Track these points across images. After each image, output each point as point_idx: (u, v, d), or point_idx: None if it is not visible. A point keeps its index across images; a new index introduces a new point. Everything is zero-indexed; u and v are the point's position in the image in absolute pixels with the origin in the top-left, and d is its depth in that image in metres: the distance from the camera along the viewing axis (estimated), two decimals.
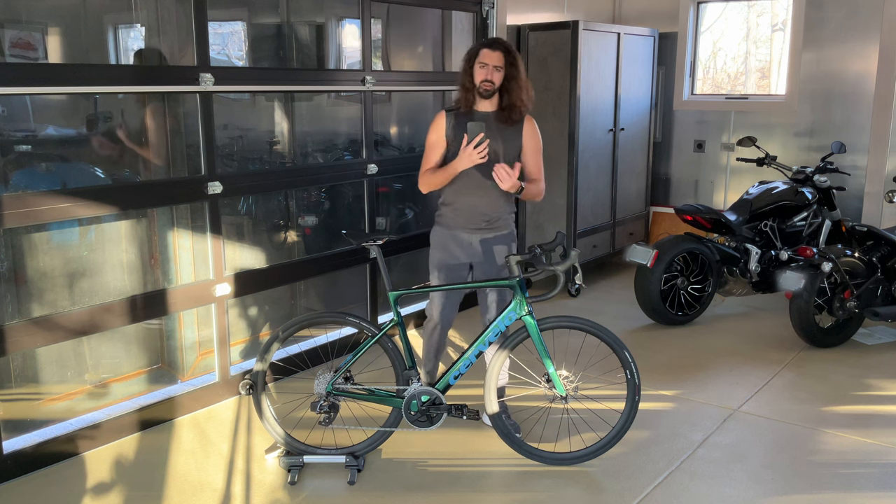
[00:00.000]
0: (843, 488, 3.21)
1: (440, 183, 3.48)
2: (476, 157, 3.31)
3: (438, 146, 3.52)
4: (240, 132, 4.63)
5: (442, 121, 3.51)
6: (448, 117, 3.51)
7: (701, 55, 6.91)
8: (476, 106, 3.49)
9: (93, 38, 3.90)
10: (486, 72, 3.39)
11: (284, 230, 4.86)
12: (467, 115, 3.48)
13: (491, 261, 3.56)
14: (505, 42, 3.47)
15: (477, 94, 3.45)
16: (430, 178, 3.50)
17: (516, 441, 3.39)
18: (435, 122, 3.54)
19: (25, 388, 3.60)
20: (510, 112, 3.45)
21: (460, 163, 3.35)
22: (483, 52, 3.41)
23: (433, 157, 3.53)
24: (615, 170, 6.35)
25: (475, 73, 3.43)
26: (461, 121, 3.46)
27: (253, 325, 4.61)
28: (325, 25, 5.05)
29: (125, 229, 3.91)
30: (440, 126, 3.51)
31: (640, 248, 5.10)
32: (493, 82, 3.41)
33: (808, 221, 5.44)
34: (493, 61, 3.39)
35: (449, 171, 3.42)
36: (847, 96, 6.06)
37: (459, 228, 3.54)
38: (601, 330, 3.32)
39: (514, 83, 3.43)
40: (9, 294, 3.43)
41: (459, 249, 3.56)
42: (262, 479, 3.31)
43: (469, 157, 3.32)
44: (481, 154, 3.31)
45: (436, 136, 3.52)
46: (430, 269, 3.64)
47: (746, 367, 4.55)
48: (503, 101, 3.46)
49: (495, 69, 3.40)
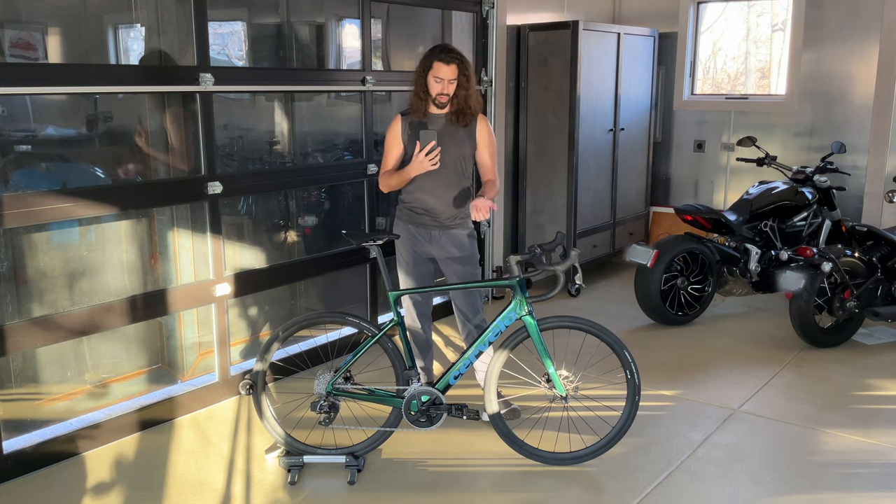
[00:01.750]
0: (843, 488, 3.21)
1: (397, 185, 3.64)
2: (427, 165, 3.46)
3: (395, 149, 3.66)
4: (240, 132, 4.63)
5: (398, 125, 3.65)
6: (403, 122, 3.65)
7: (701, 55, 6.91)
8: (429, 109, 3.60)
9: (93, 38, 3.90)
10: (441, 86, 3.52)
11: (284, 230, 4.86)
12: (421, 122, 3.60)
13: (448, 255, 3.68)
14: (457, 53, 3.54)
15: (430, 101, 3.57)
16: (388, 179, 3.64)
17: (516, 441, 3.39)
18: (392, 125, 3.67)
19: (25, 388, 3.60)
20: (460, 116, 3.58)
21: (413, 169, 3.51)
22: (438, 67, 3.49)
23: (391, 159, 3.67)
24: (615, 170, 6.35)
25: (430, 85, 3.54)
26: (415, 126, 3.59)
27: (253, 325, 4.61)
28: (325, 25, 5.05)
29: (125, 229, 3.91)
30: (396, 131, 3.65)
31: (640, 248, 5.10)
32: (448, 94, 3.54)
33: (808, 221, 5.44)
34: (448, 75, 3.50)
35: (403, 175, 3.56)
36: (847, 96, 6.06)
37: (418, 224, 3.68)
38: (601, 330, 3.32)
39: (464, 91, 3.56)
40: (9, 294, 3.43)
41: (420, 243, 3.70)
42: (262, 479, 3.31)
43: (420, 164, 3.46)
44: (432, 161, 3.44)
45: (392, 140, 3.66)
46: (398, 263, 3.78)
47: (746, 367, 4.55)
48: (453, 105, 3.59)
49: (449, 83, 3.51)
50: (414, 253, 3.72)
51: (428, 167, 3.47)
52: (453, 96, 3.56)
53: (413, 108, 3.62)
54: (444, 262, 3.72)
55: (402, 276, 3.77)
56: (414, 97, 3.61)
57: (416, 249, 3.72)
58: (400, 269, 3.78)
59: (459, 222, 3.69)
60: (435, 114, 3.61)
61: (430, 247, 3.70)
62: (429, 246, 3.70)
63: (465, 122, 3.60)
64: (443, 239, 3.67)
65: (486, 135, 3.68)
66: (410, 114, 3.63)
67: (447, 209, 3.64)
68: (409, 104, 3.67)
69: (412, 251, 3.72)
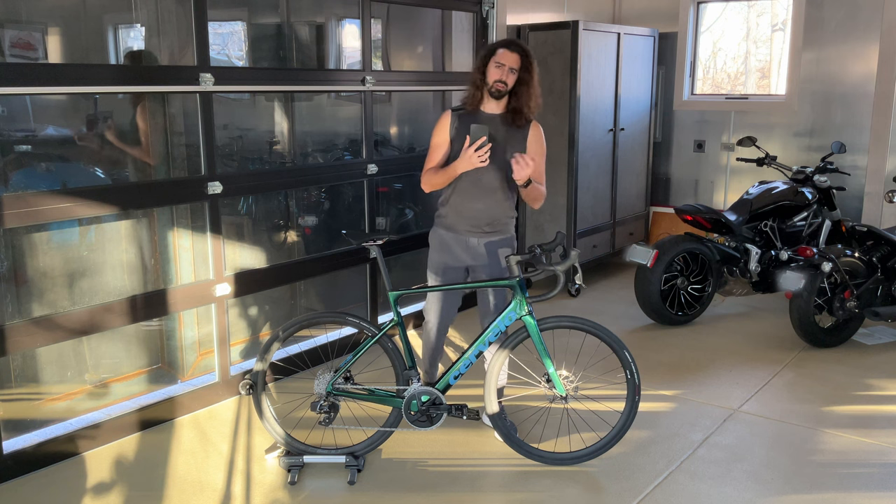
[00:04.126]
0: (843, 488, 3.21)
1: (441, 183, 3.43)
2: (476, 161, 3.25)
3: (442, 146, 3.47)
4: (240, 132, 4.63)
5: (447, 120, 3.47)
6: (453, 117, 3.46)
7: (701, 55, 6.91)
8: (483, 106, 3.45)
9: (93, 38, 3.90)
10: (501, 72, 3.34)
11: (284, 230, 4.86)
12: (472, 116, 3.43)
13: (493, 264, 3.53)
14: (524, 45, 3.41)
15: (487, 93, 3.40)
16: (431, 177, 3.44)
17: (516, 441, 3.39)
18: (440, 121, 3.49)
19: (25, 388, 3.60)
20: (516, 116, 3.41)
21: (460, 165, 3.30)
22: (500, 52, 3.35)
23: (436, 156, 3.47)
24: (615, 170, 6.35)
25: (489, 71, 3.37)
26: (465, 121, 3.41)
27: (253, 325, 4.61)
28: (325, 25, 5.05)
29: (125, 229, 3.91)
30: (445, 126, 3.46)
31: (640, 248, 5.10)
32: (507, 83, 3.36)
33: (808, 221, 5.44)
34: (510, 63, 3.34)
35: (449, 171, 3.36)
36: (847, 96, 6.06)
37: (460, 231, 3.50)
38: (601, 330, 3.32)
39: (525, 88, 3.38)
40: (9, 294, 3.43)
41: (460, 251, 3.53)
42: (262, 479, 3.31)
43: (469, 160, 3.26)
44: (482, 158, 3.24)
45: (440, 137, 3.47)
46: (429, 272, 3.62)
47: (746, 367, 4.55)
48: (510, 103, 3.42)
49: (510, 71, 3.35)
50: (445, 263, 3.54)
51: (476, 163, 3.25)
52: (512, 93, 3.38)
53: (467, 100, 3.44)
54: (478, 270, 3.53)
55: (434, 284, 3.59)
56: (470, 87, 3.42)
57: (449, 259, 3.52)
58: (433, 276, 3.59)
59: (502, 228, 3.54)
60: (489, 113, 3.43)
61: (468, 253, 3.51)
62: (464, 254, 3.51)
63: (521, 123, 3.41)
64: (480, 247, 3.50)
65: (537, 142, 3.47)
66: (462, 109, 3.46)
67: (492, 213, 3.46)
68: (462, 99, 3.49)
69: (443, 262, 3.54)
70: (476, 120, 3.39)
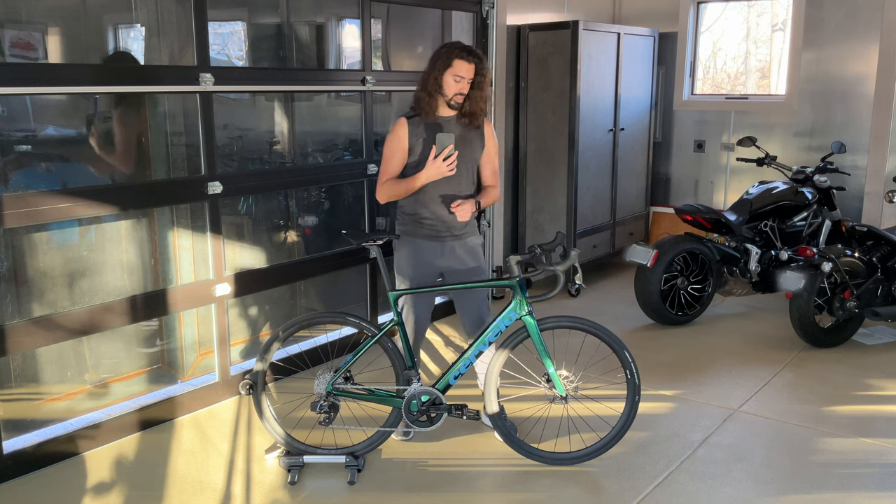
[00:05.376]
0: (843, 488, 3.21)
1: (403, 194, 3.39)
2: (445, 170, 3.26)
3: (399, 155, 3.39)
4: (240, 132, 4.63)
5: (404, 129, 3.38)
6: (410, 124, 3.38)
7: (701, 55, 6.91)
8: (438, 111, 3.40)
9: (93, 38, 3.90)
10: (460, 86, 3.32)
11: (284, 230, 4.86)
12: (431, 123, 3.38)
13: (462, 267, 3.51)
14: (478, 52, 3.37)
15: (443, 101, 3.37)
16: (391, 188, 3.38)
17: (516, 441, 3.39)
18: (395, 130, 3.39)
19: (25, 388, 3.60)
20: (471, 118, 3.41)
21: (427, 174, 3.28)
22: (459, 65, 3.29)
23: (393, 166, 3.40)
24: (615, 170, 6.35)
25: (446, 83, 3.32)
26: (426, 129, 3.37)
27: (253, 325, 4.61)
28: (325, 25, 5.05)
29: (125, 229, 3.91)
30: (402, 134, 3.37)
31: (640, 248, 5.10)
32: (464, 94, 3.35)
33: (808, 221, 5.44)
34: (469, 74, 3.31)
35: (414, 182, 3.32)
36: (847, 96, 6.06)
37: (429, 237, 3.47)
38: (601, 330, 3.32)
39: (479, 92, 3.37)
40: (9, 294, 3.43)
41: (434, 257, 3.50)
42: (262, 479, 3.31)
43: (438, 169, 3.26)
44: (450, 166, 3.25)
45: (397, 145, 3.38)
46: (399, 281, 3.58)
47: (746, 367, 4.55)
48: (464, 107, 3.39)
49: (467, 82, 3.33)
50: (419, 270, 3.49)
51: (445, 172, 3.25)
52: (467, 97, 3.36)
53: (421, 108, 3.37)
54: (454, 275, 3.51)
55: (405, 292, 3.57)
56: (423, 95, 3.36)
57: (423, 267, 3.49)
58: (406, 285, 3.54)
59: (471, 230, 3.54)
60: (445, 116, 3.40)
61: (442, 260, 3.48)
62: (440, 259, 3.48)
63: (477, 123, 3.44)
64: (457, 250, 3.48)
65: (492, 139, 3.53)
66: (417, 115, 3.40)
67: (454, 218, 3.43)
68: (414, 105, 3.42)
69: (416, 268, 3.49)
70: (435, 127, 3.36)
